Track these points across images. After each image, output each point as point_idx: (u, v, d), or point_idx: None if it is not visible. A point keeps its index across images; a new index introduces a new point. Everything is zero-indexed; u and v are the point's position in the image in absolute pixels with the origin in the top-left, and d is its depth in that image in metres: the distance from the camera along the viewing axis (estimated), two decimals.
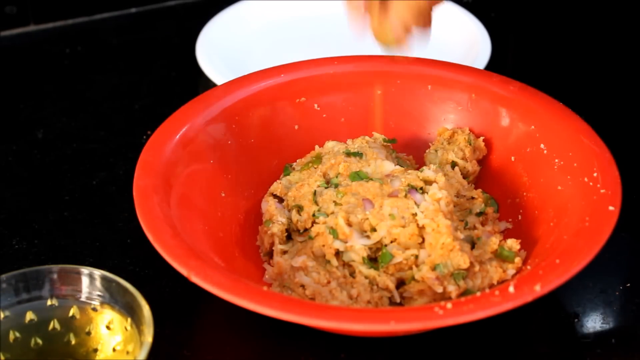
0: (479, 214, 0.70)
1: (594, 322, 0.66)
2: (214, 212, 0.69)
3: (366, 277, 0.64)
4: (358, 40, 0.70)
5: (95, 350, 0.60)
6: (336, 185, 0.70)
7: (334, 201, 0.68)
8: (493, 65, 0.90)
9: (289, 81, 0.77)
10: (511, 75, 0.75)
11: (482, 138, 0.75)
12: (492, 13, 1.05)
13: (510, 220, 0.71)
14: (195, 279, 0.58)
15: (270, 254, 0.69)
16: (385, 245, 0.65)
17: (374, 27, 0.69)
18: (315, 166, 0.72)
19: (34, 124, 0.89)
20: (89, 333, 0.60)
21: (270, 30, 1.01)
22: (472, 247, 0.67)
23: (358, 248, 0.65)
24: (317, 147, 0.75)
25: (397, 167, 0.71)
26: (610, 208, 0.62)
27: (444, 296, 0.63)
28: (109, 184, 0.80)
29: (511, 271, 0.65)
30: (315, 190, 0.69)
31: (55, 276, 0.61)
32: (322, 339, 0.64)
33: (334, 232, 0.66)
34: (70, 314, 0.61)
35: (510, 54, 1.01)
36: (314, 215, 0.68)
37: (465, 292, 0.63)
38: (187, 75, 0.96)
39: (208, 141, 0.72)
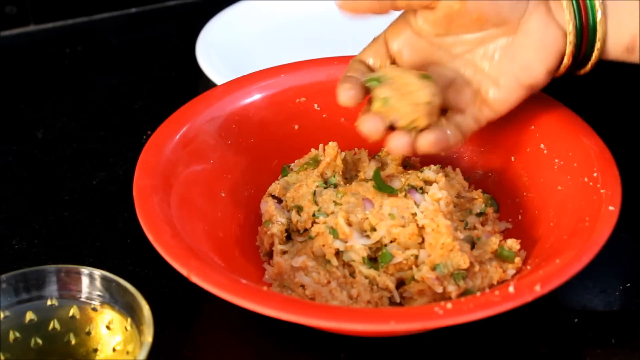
0: (479, 214, 0.70)
1: (594, 322, 0.66)
2: (214, 212, 0.69)
3: (366, 277, 0.64)
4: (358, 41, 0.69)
5: (95, 350, 0.60)
6: (335, 185, 0.70)
7: (334, 201, 0.68)
8: None
9: (288, 81, 0.77)
10: None
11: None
12: None
13: (510, 220, 0.71)
14: (195, 279, 0.58)
15: (270, 254, 0.69)
16: (385, 245, 0.65)
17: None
18: (313, 168, 0.72)
19: (34, 124, 0.89)
20: (89, 333, 0.60)
21: (270, 30, 1.01)
22: (472, 247, 0.67)
23: (358, 248, 0.65)
24: (312, 149, 0.75)
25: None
26: (610, 208, 0.62)
27: (444, 296, 0.63)
28: (109, 184, 0.80)
29: (511, 271, 0.65)
30: (315, 191, 0.69)
31: (55, 276, 0.61)
32: (322, 339, 0.64)
33: (334, 231, 0.65)
34: (70, 314, 0.61)
35: None
36: (313, 215, 0.68)
37: (465, 292, 0.63)
38: (187, 75, 0.96)
39: (208, 141, 0.72)
